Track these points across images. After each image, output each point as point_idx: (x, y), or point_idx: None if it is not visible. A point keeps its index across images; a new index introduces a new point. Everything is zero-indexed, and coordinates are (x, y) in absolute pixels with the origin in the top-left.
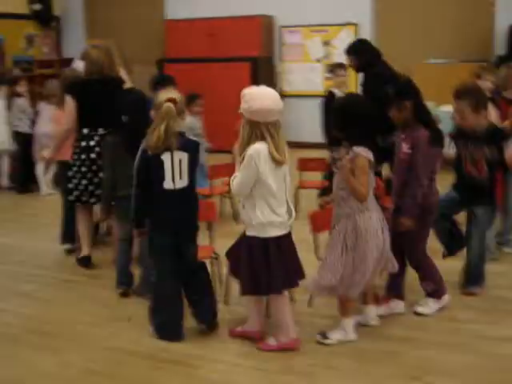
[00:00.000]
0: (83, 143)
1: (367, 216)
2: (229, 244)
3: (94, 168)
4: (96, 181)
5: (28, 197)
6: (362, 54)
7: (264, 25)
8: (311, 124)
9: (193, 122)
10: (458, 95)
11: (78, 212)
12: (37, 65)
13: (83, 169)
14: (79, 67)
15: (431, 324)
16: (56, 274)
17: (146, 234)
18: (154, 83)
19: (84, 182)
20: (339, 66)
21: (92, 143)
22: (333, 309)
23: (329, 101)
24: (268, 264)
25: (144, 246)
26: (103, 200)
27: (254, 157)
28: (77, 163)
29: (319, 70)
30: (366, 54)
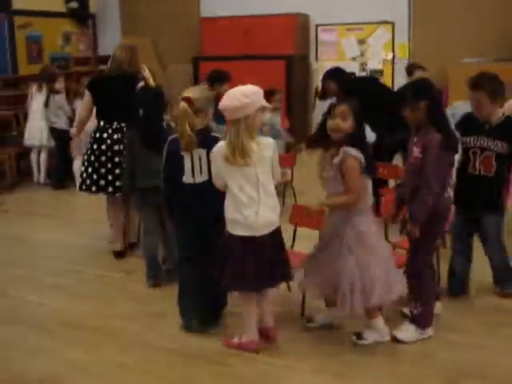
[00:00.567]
0: (97, 134)
1: (362, 220)
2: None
3: (103, 159)
4: (102, 171)
5: (64, 193)
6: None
7: (299, 23)
8: None
9: (271, 118)
10: (474, 85)
11: (107, 205)
12: (73, 62)
13: (92, 158)
14: None
15: (469, 326)
16: (91, 270)
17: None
18: (212, 79)
19: (90, 170)
20: (418, 68)
21: (105, 135)
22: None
23: None
24: (232, 261)
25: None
26: (123, 191)
27: (214, 155)
28: (88, 152)
29: (354, 69)
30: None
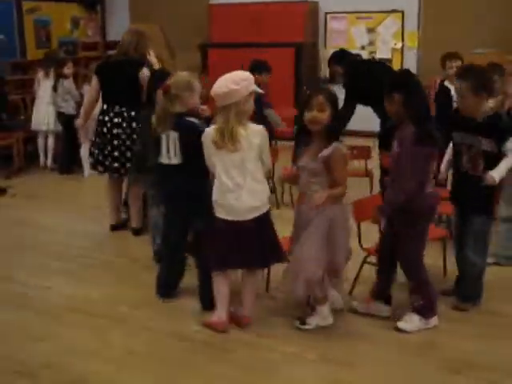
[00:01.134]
0: (100, 117)
1: (338, 207)
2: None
3: (105, 141)
4: (106, 152)
5: (71, 178)
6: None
7: (309, 10)
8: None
9: None
10: (460, 75)
11: (107, 184)
12: (81, 47)
13: (98, 140)
14: None
15: (473, 317)
16: (97, 255)
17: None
18: (250, 69)
19: (96, 152)
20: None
21: (106, 118)
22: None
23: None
24: (216, 242)
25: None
26: (132, 169)
27: (203, 139)
28: (94, 134)
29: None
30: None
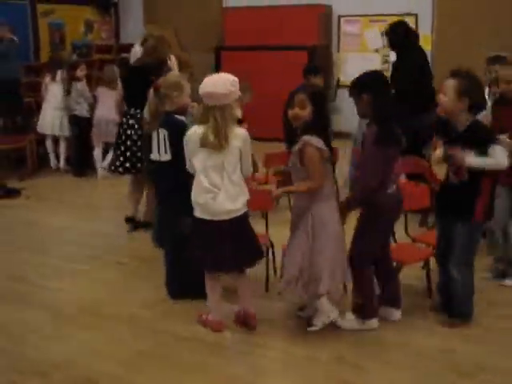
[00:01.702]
0: (122, 119)
1: (326, 205)
2: (284, 232)
3: (119, 141)
4: (128, 154)
5: (84, 180)
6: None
7: (322, 14)
8: None
9: None
10: (452, 74)
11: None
12: (95, 50)
13: (118, 141)
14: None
15: (485, 322)
16: (109, 256)
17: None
18: (304, 71)
19: (118, 153)
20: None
21: (124, 120)
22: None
23: None
24: (195, 241)
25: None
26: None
27: (186, 139)
28: (116, 136)
29: (377, 60)
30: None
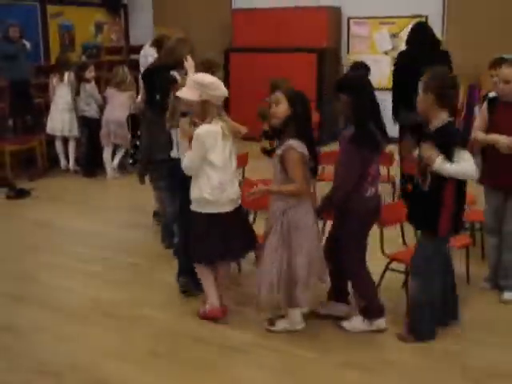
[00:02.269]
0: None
1: (302, 210)
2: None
3: (135, 141)
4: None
5: (94, 181)
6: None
7: (331, 16)
8: None
9: None
10: (427, 72)
11: None
12: (104, 51)
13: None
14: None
15: (498, 326)
16: (121, 257)
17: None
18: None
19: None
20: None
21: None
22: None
23: None
24: (199, 235)
25: None
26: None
27: (203, 138)
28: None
29: (386, 63)
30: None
